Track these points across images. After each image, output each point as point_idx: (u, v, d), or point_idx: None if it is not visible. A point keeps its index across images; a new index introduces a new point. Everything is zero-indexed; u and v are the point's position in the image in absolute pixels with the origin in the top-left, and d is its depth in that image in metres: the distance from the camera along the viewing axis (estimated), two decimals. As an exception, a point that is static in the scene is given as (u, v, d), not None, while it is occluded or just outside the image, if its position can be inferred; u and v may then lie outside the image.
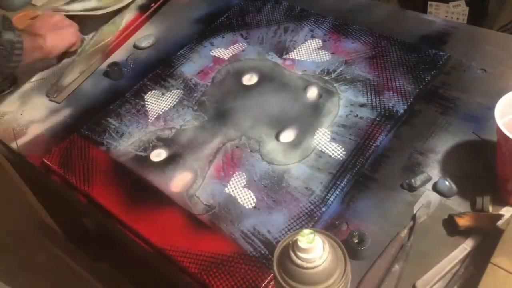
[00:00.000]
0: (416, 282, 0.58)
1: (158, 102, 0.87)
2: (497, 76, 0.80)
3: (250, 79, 0.88)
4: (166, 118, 0.84)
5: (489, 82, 0.80)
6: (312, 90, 0.84)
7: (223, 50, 0.95)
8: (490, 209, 0.62)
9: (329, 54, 0.90)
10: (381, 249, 0.61)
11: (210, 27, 1.01)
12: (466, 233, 0.61)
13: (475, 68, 0.82)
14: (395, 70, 0.84)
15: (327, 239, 0.47)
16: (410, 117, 0.77)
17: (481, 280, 0.53)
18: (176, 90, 0.89)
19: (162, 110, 0.86)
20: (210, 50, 0.96)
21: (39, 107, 0.92)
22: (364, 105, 0.80)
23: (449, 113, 0.76)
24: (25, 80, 0.98)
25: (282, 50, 0.93)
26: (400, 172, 0.70)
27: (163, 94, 0.88)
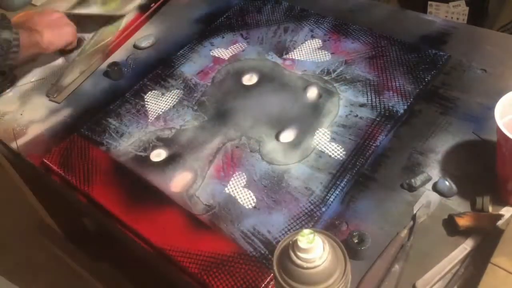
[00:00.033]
0: (416, 282, 0.58)
1: (158, 102, 0.87)
2: (497, 76, 0.80)
3: (250, 79, 0.88)
4: (166, 118, 0.84)
5: (489, 82, 0.80)
6: (312, 90, 0.84)
7: (223, 50, 0.95)
8: (490, 209, 0.62)
9: (329, 54, 0.90)
10: (381, 249, 0.61)
11: (210, 27, 1.01)
12: (466, 233, 0.61)
13: (475, 68, 0.82)
14: (395, 70, 0.84)
15: (327, 239, 0.47)
16: (410, 117, 0.77)
17: (481, 280, 0.53)
18: (176, 90, 0.89)
19: (162, 110, 0.86)
20: (210, 50, 0.96)
21: (39, 107, 0.92)
22: (364, 105, 0.80)
23: (449, 113, 0.76)
24: (25, 79, 0.98)
25: (282, 50, 0.93)
26: (400, 172, 0.70)
27: (163, 94, 0.88)
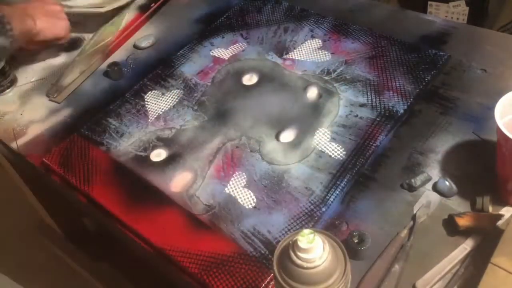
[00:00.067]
0: (416, 282, 0.58)
1: (158, 102, 0.87)
2: (497, 76, 0.80)
3: (250, 79, 0.88)
4: (166, 118, 0.84)
5: (489, 82, 0.80)
6: (312, 90, 0.84)
7: (223, 50, 0.95)
8: (490, 209, 0.62)
9: (329, 54, 0.90)
10: (381, 249, 0.61)
11: (210, 27, 1.01)
12: (466, 233, 0.61)
13: (475, 68, 0.82)
14: (395, 70, 0.84)
15: (327, 239, 0.47)
16: (410, 117, 0.77)
17: (481, 280, 0.53)
18: (176, 90, 0.89)
19: (162, 110, 0.86)
20: (210, 50, 0.96)
21: (39, 107, 0.92)
22: (364, 105, 0.80)
23: (449, 113, 0.76)
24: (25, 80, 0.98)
25: (282, 50, 0.93)
26: (400, 172, 0.70)
27: (163, 94, 0.88)
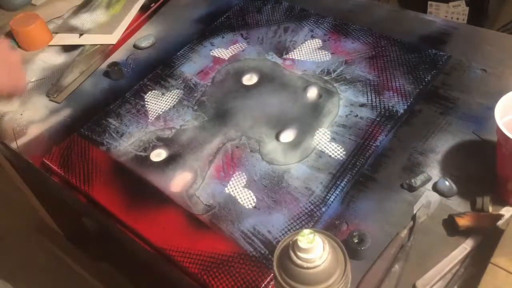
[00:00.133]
0: (416, 282, 0.58)
1: (158, 102, 0.87)
2: (497, 76, 0.80)
3: (250, 79, 0.88)
4: (166, 118, 0.84)
5: (489, 82, 0.80)
6: (312, 90, 0.84)
7: (223, 50, 0.95)
8: (490, 209, 0.62)
9: (329, 54, 0.90)
10: (381, 249, 0.61)
11: (210, 27, 1.01)
12: (466, 233, 0.61)
13: (475, 68, 0.82)
14: (395, 70, 0.84)
15: (327, 239, 0.47)
16: (410, 117, 0.77)
17: (481, 280, 0.53)
18: (176, 90, 0.89)
19: (162, 110, 0.86)
20: (210, 50, 0.96)
21: (39, 107, 0.92)
22: (364, 105, 0.80)
23: (449, 113, 0.76)
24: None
25: (282, 50, 0.93)
26: (400, 172, 0.70)
27: (163, 94, 0.88)
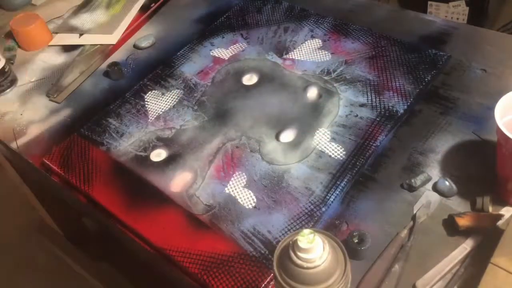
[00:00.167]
0: (416, 282, 0.58)
1: (158, 102, 0.87)
2: (497, 76, 0.80)
3: (250, 79, 0.88)
4: (166, 118, 0.84)
5: (489, 82, 0.80)
6: (312, 90, 0.84)
7: (223, 50, 0.95)
8: (490, 209, 0.62)
9: (329, 54, 0.90)
10: (381, 249, 0.61)
11: (210, 27, 1.01)
12: (466, 233, 0.61)
13: (475, 68, 0.82)
14: (395, 70, 0.84)
15: (327, 239, 0.47)
16: (410, 117, 0.77)
17: (481, 280, 0.53)
18: (176, 90, 0.89)
19: (162, 110, 0.85)
20: (210, 50, 0.96)
21: (39, 107, 0.92)
22: (364, 105, 0.80)
23: (449, 113, 0.76)
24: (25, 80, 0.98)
25: (282, 50, 0.93)
26: (400, 172, 0.70)
27: (163, 94, 0.88)
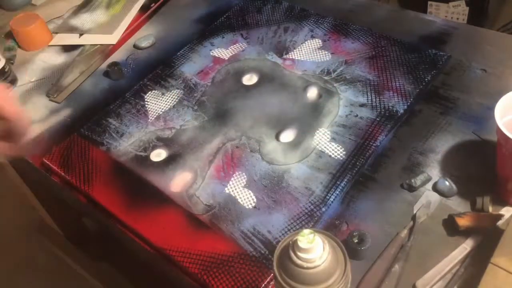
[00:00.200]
0: (416, 282, 0.58)
1: (158, 102, 0.87)
2: (497, 76, 0.80)
3: (250, 79, 0.88)
4: (166, 118, 0.84)
5: (489, 82, 0.80)
6: (312, 90, 0.84)
7: (223, 50, 0.95)
8: (490, 209, 0.62)
9: (329, 54, 0.90)
10: (381, 249, 0.61)
11: (210, 27, 1.01)
12: (466, 233, 0.61)
13: (475, 68, 0.82)
14: (395, 70, 0.84)
15: (327, 239, 0.47)
16: (410, 117, 0.77)
17: (481, 280, 0.53)
18: (176, 90, 0.89)
19: (162, 110, 0.85)
20: (210, 50, 0.96)
21: (39, 107, 0.91)
22: (364, 105, 0.80)
23: (449, 113, 0.76)
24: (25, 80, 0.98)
25: (282, 50, 0.93)
26: (400, 172, 0.70)
27: (163, 94, 0.88)
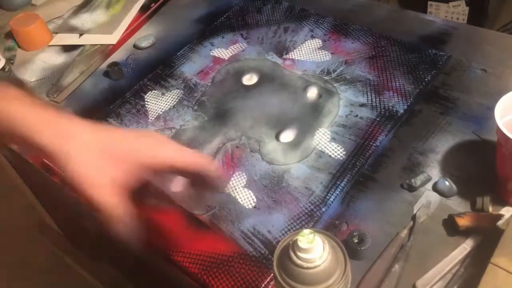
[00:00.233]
0: (416, 282, 0.58)
1: (158, 102, 0.87)
2: (497, 76, 0.80)
3: (250, 79, 0.88)
4: (166, 118, 0.84)
5: (489, 82, 0.80)
6: (312, 90, 0.84)
7: (223, 50, 0.95)
8: (490, 209, 0.62)
9: (329, 54, 0.90)
10: (381, 249, 0.61)
11: (210, 27, 1.01)
12: (466, 233, 0.61)
13: (475, 68, 0.82)
14: (395, 70, 0.84)
15: (327, 239, 0.47)
16: (410, 117, 0.77)
17: (481, 280, 0.53)
18: (176, 90, 0.89)
19: (162, 110, 0.85)
20: (210, 50, 0.96)
21: (39, 107, 0.91)
22: (364, 105, 0.80)
23: (449, 113, 0.76)
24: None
25: (282, 50, 0.93)
26: (400, 172, 0.70)
27: (163, 94, 0.88)
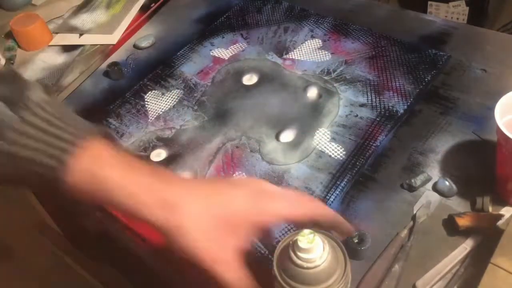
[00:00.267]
0: (416, 282, 0.58)
1: (158, 102, 0.87)
2: (497, 76, 0.80)
3: (250, 79, 0.88)
4: (166, 118, 0.84)
5: (489, 82, 0.80)
6: (312, 90, 0.84)
7: (223, 50, 0.95)
8: (490, 209, 0.62)
9: (329, 54, 0.90)
10: (381, 249, 0.61)
11: (210, 27, 1.01)
12: (466, 233, 0.61)
13: (475, 68, 0.82)
14: (395, 70, 0.84)
15: (327, 239, 0.47)
16: (410, 117, 0.77)
17: (481, 280, 0.53)
18: (176, 90, 0.89)
19: (162, 110, 0.85)
20: (210, 50, 0.96)
21: (39, 107, 0.91)
22: (364, 105, 0.80)
23: (449, 113, 0.76)
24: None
25: (282, 50, 0.93)
26: (400, 172, 0.70)
27: (163, 94, 0.88)
